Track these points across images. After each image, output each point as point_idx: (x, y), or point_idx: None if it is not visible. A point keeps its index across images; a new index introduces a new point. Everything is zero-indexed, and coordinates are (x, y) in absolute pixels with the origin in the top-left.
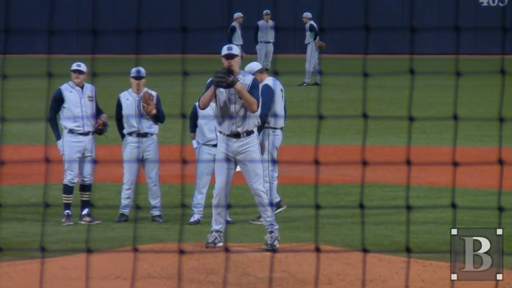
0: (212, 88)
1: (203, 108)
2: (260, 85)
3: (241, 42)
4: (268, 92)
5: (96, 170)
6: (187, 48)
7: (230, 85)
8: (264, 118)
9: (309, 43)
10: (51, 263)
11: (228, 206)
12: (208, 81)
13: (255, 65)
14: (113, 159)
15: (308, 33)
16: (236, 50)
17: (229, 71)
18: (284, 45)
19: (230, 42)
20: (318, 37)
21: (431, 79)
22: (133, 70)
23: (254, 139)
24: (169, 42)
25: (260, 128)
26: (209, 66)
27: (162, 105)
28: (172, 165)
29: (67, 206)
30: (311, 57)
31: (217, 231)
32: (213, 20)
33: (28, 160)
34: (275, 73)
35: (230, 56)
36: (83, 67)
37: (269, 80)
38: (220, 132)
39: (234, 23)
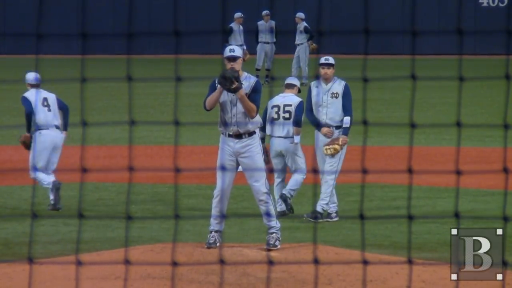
0: (219, 89)
1: (209, 109)
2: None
3: (240, 43)
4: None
5: (95, 170)
6: (185, 49)
7: (233, 90)
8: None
9: (301, 44)
10: (50, 263)
11: (224, 216)
12: (211, 82)
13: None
14: (112, 159)
15: (302, 35)
16: (238, 51)
17: (235, 76)
18: (284, 45)
19: (227, 42)
20: (312, 39)
21: (432, 81)
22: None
23: (255, 140)
24: (167, 42)
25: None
26: (207, 66)
27: (163, 106)
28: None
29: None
30: (306, 58)
31: (217, 231)
32: (212, 20)
33: (22, 168)
34: (272, 78)
35: (232, 59)
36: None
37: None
38: (222, 133)
39: (233, 24)
